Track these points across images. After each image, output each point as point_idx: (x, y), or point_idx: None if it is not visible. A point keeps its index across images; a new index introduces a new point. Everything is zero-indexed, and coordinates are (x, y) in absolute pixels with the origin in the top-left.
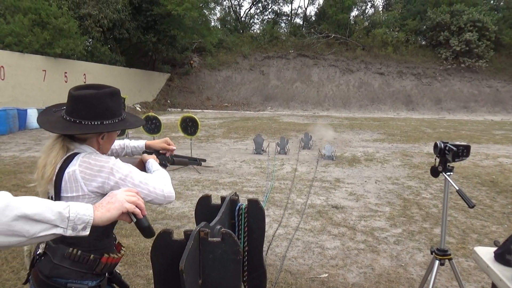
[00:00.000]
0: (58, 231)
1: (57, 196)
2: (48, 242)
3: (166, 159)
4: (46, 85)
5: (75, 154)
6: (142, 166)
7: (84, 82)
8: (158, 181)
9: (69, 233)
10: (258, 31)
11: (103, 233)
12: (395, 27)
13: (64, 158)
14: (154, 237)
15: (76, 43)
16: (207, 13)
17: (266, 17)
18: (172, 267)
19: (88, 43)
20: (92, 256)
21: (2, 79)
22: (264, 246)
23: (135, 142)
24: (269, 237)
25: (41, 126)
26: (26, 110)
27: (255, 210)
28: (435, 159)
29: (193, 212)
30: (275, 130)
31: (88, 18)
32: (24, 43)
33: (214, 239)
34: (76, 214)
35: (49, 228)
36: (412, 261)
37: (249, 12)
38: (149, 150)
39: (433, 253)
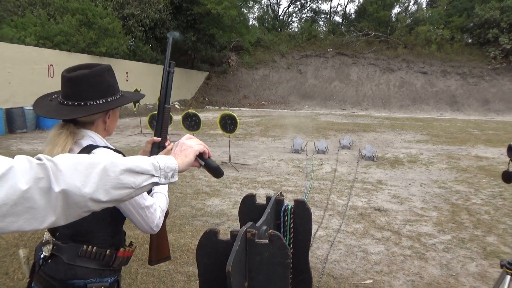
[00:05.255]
0: (155, 180)
1: None
2: (56, 242)
3: None
4: None
5: (91, 146)
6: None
7: (127, 80)
8: (158, 211)
9: (162, 181)
10: (296, 30)
11: (116, 227)
12: (439, 24)
13: (79, 150)
14: (221, 175)
15: (119, 42)
16: (245, 11)
17: (304, 15)
18: (218, 267)
19: (130, 42)
20: (108, 251)
21: (52, 77)
22: None
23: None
24: None
25: (44, 116)
26: None
27: (302, 211)
28: (509, 163)
29: (232, 210)
30: (313, 129)
31: (131, 18)
32: (71, 42)
33: (262, 240)
34: (165, 163)
35: (148, 178)
36: (464, 271)
37: (287, 10)
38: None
39: (504, 267)
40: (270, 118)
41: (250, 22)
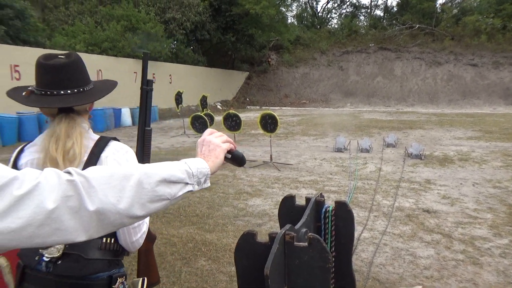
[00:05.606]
0: (189, 188)
1: None
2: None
3: None
4: (137, 86)
5: (104, 138)
6: None
7: (170, 83)
8: (143, 227)
9: (195, 188)
10: (335, 26)
11: None
12: (489, 13)
13: (94, 143)
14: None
15: (162, 46)
16: (284, 10)
17: (344, 11)
18: (256, 270)
19: (173, 46)
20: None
21: None
22: None
23: None
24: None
25: (48, 106)
26: (120, 110)
27: (344, 213)
28: None
29: (274, 210)
30: (355, 127)
31: (172, 21)
32: (117, 47)
33: (301, 244)
34: (197, 168)
35: (183, 186)
36: None
37: (326, 6)
38: None
39: None
40: (312, 117)
41: (289, 20)
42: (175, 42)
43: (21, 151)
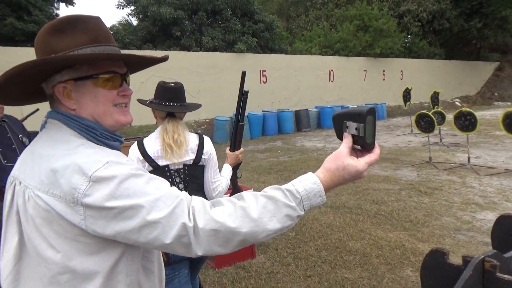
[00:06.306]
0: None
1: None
2: None
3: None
4: (366, 84)
5: (200, 135)
6: None
7: (401, 79)
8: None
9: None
10: None
11: None
12: None
13: (196, 138)
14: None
15: (394, 41)
16: None
17: None
18: None
19: (406, 40)
20: None
21: (332, 81)
22: None
23: None
24: None
25: (163, 109)
26: (348, 107)
27: None
28: None
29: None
30: None
31: (407, 14)
32: (349, 47)
33: (507, 277)
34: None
35: (291, 223)
36: None
37: None
38: None
39: None
40: None
41: None
42: (409, 35)
43: (141, 144)
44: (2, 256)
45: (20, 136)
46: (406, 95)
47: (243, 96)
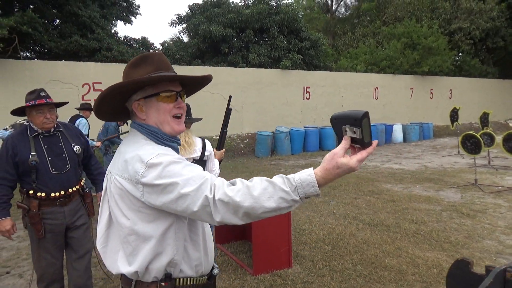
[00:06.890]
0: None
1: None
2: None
3: None
4: (413, 102)
5: (203, 138)
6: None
7: (450, 98)
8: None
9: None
10: None
11: None
12: None
13: (200, 141)
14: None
15: (443, 59)
16: None
17: None
18: None
19: (456, 58)
20: None
21: (376, 99)
22: None
23: None
24: None
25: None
26: (392, 126)
27: None
28: None
29: None
30: None
31: (458, 32)
32: (395, 65)
33: None
34: (299, 179)
35: (291, 206)
36: None
37: None
38: None
39: None
40: None
41: None
42: (460, 53)
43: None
44: (98, 225)
45: (73, 144)
46: (454, 115)
47: (228, 112)
